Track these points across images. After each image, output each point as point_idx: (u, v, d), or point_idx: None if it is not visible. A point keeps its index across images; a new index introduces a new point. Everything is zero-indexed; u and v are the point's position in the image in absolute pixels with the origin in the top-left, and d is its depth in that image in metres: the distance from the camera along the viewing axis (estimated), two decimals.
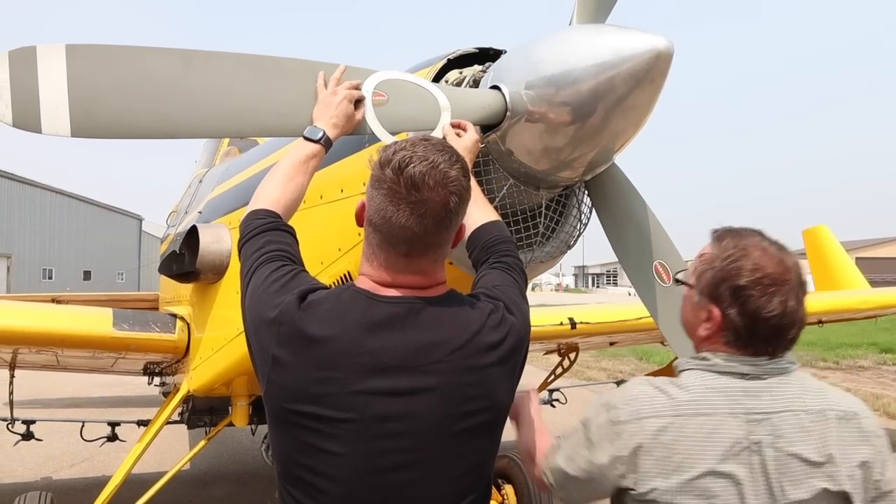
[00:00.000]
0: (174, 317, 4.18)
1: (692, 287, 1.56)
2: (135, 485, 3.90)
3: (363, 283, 1.54)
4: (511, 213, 2.27)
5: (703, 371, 1.49)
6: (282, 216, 1.76)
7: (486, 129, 2.13)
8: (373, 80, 2.04)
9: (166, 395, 5.42)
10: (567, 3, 2.19)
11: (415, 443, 1.45)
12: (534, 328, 1.83)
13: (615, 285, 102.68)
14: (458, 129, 2.02)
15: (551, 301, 31.31)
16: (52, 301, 7.13)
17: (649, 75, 1.87)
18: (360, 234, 1.64)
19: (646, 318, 4.06)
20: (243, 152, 4.85)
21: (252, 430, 5.34)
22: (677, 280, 1.83)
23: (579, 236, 2.49)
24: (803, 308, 1.48)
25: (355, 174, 2.40)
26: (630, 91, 1.88)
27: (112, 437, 5.34)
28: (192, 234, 3.54)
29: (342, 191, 2.53)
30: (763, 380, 1.46)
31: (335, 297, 1.51)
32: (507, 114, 2.06)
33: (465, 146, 1.93)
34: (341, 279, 2.54)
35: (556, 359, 6.31)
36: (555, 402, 6.50)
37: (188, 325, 4.06)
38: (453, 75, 2.41)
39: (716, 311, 1.48)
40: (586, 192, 2.40)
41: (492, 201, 2.14)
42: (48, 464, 6.78)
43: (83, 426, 5.20)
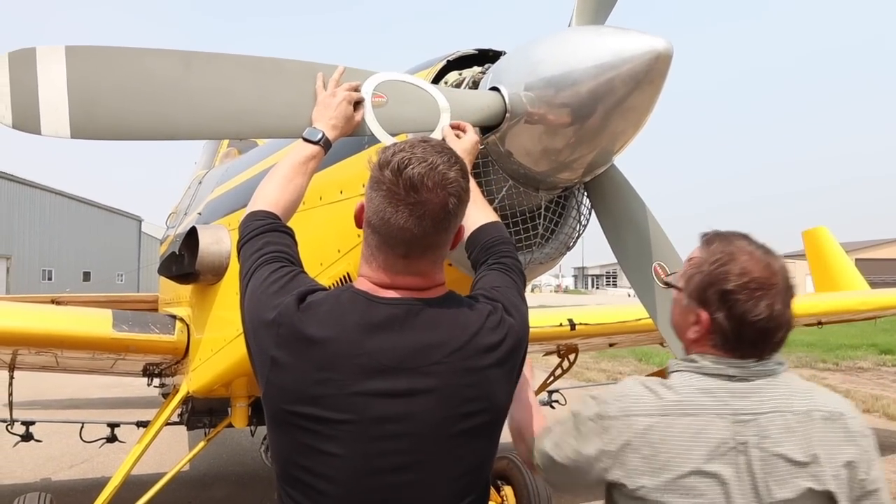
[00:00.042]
0: (173, 318, 4.18)
1: (681, 290, 1.57)
2: (134, 486, 3.90)
3: (362, 284, 1.54)
4: (510, 215, 2.27)
5: (692, 373, 1.50)
6: (281, 217, 1.76)
7: (486, 130, 2.13)
8: (372, 82, 2.04)
9: (166, 396, 5.41)
10: (567, 4, 2.20)
11: (413, 444, 1.45)
12: (533, 329, 1.83)
13: (615, 286, 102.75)
14: (457, 131, 2.01)
15: (551, 302, 31.33)
16: (52, 302, 7.14)
17: (649, 76, 1.87)
18: (359, 236, 1.64)
19: (645, 319, 4.06)
20: (243, 154, 4.84)
21: (251, 431, 5.35)
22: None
23: (578, 238, 2.49)
24: (790, 311, 1.49)
25: (354, 175, 2.40)
26: (629, 92, 1.89)
27: (111, 439, 5.35)
28: (191, 236, 3.54)
29: (341, 192, 2.52)
30: (750, 382, 1.47)
31: (334, 298, 1.51)
32: (507, 115, 2.06)
33: (465, 147, 1.93)
34: (340, 280, 2.53)
35: (555, 360, 6.31)
36: (554, 404, 6.49)
37: (187, 326, 4.06)
38: (453, 77, 2.41)
39: (704, 315, 1.50)
40: (585, 194, 2.41)
41: (491, 203, 2.14)
42: (47, 465, 6.79)
43: (82, 427, 5.21)
